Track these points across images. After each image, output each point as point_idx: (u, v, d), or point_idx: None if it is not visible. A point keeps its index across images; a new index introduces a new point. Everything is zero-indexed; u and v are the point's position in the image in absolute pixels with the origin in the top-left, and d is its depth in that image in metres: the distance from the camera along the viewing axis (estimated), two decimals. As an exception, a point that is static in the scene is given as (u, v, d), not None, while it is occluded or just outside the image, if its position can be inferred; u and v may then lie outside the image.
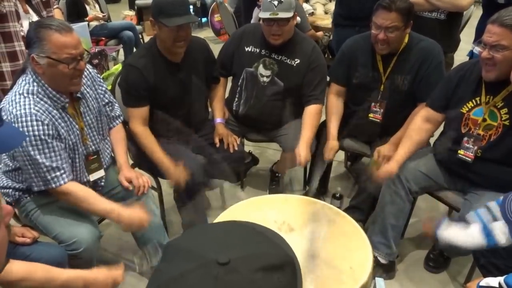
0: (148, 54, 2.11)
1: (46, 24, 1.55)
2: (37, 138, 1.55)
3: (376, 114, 2.31)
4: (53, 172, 1.61)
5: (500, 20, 1.66)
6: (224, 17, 5.68)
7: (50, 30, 1.53)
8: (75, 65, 1.59)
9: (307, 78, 2.35)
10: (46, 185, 1.62)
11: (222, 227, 0.69)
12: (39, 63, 1.56)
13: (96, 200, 1.70)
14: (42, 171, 1.59)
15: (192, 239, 0.66)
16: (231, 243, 0.63)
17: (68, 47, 1.55)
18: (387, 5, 2.04)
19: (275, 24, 2.21)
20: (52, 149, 1.59)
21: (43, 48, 1.53)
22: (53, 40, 1.53)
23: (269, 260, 0.60)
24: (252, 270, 0.58)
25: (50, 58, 1.54)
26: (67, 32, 1.55)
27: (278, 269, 0.60)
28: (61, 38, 1.53)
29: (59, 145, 1.62)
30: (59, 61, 1.55)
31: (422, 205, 2.64)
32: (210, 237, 0.65)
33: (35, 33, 1.55)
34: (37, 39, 1.54)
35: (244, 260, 0.59)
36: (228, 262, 0.57)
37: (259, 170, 3.11)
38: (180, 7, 1.98)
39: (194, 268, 0.58)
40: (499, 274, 1.51)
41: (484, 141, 1.86)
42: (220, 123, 2.39)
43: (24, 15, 2.28)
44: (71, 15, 4.53)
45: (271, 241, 0.65)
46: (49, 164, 1.59)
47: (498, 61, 1.70)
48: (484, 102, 1.85)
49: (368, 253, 1.54)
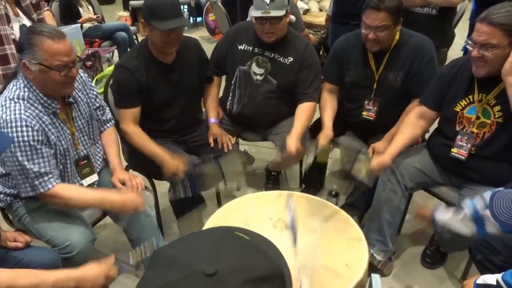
0: (140, 55, 2.10)
1: (38, 30, 1.54)
2: (26, 144, 1.54)
3: (370, 112, 2.31)
4: (41, 177, 1.60)
5: (489, 18, 1.65)
6: (218, 16, 5.66)
7: (43, 37, 1.52)
8: (66, 72, 1.58)
9: (300, 76, 2.34)
10: (34, 190, 1.61)
11: (213, 235, 0.69)
12: (31, 69, 1.55)
13: (84, 194, 1.70)
14: (30, 177, 1.58)
15: (181, 248, 0.66)
16: (220, 253, 0.63)
17: (61, 54, 1.54)
18: (376, 5, 2.03)
19: (267, 23, 2.20)
20: (41, 155, 1.58)
21: (35, 55, 1.52)
22: (45, 47, 1.52)
23: (258, 272, 0.60)
24: (240, 282, 0.57)
25: (42, 64, 1.53)
26: (60, 39, 1.54)
27: (266, 281, 0.60)
28: (54, 45, 1.52)
29: (48, 151, 1.61)
30: (51, 68, 1.54)
31: (418, 201, 2.63)
32: (199, 247, 0.65)
33: (27, 39, 1.54)
34: (29, 45, 1.53)
35: (232, 271, 0.59)
36: (215, 273, 0.57)
37: (255, 170, 3.10)
38: (172, 10, 1.96)
39: (180, 278, 0.58)
40: (496, 269, 1.52)
41: (478, 139, 1.86)
42: (214, 123, 2.38)
43: (14, 18, 2.28)
44: (65, 17, 4.51)
45: (262, 252, 0.65)
46: (37, 170, 1.58)
47: (488, 59, 1.70)
48: (477, 100, 1.85)
49: (364, 250, 1.54)
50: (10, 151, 1.53)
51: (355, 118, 2.36)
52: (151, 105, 2.15)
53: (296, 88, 2.37)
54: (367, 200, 2.30)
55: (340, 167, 3.10)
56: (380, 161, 2.01)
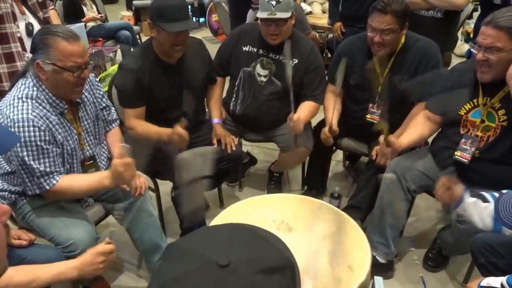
0: (144, 55, 2.10)
1: (53, 31, 1.55)
2: (32, 144, 1.54)
3: (374, 115, 2.31)
4: (47, 176, 1.60)
5: (494, 22, 1.66)
6: (222, 17, 5.67)
7: (57, 37, 1.53)
8: (79, 74, 1.59)
9: (306, 80, 2.35)
10: (40, 189, 1.62)
11: (225, 229, 0.70)
12: (44, 69, 1.56)
13: (82, 181, 1.69)
14: (36, 176, 1.58)
15: (194, 241, 0.68)
16: (233, 245, 0.64)
17: (75, 55, 1.55)
18: (382, 8, 2.03)
19: (273, 24, 2.21)
20: (47, 155, 1.59)
21: (49, 55, 1.53)
22: (59, 48, 1.53)
23: (269, 263, 0.61)
24: (252, 272, 0.59)
25: (55, 65, 1.54)
26: (74, 41, 1.56)
27: (277, 272, 0.61)
28: (69, 46, 1.54)
29: (55, 151, 1.62)
30: (65, 69, 1.55)
31: (420, 204, 2.63)
32: (212, 239, 0.66)
33: (41, 39, 1.55)
34: (43, 45, 1.54)
35: (244, 262, 0.60)
36: (229, 264, 0.59)
37: (257, 170, 3.10)
38: (180, 12, 1.97)
39: (195, 269, 0.59)
40: (499, 273, 1.51)
41: (482, 142, 1.86)
42: (218, 124, 2.38)
43: (21, 16, 2.27)
44: (68, 16, 4.52)
45: (272, 245, 0.66)
46: (43, 169, 1.58)
47: (493, 63, 1.70)
48: (482, 103, 1.85)
49: (366, 252, 1.53)
50: (16, 150, 1.54)
51: (359, 120, 2.36)
52: (154, 105, 2.16)
53: (302, 91, 2.37)
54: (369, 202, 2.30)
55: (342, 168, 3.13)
56: (396, 142, 1.95)
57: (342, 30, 3.52)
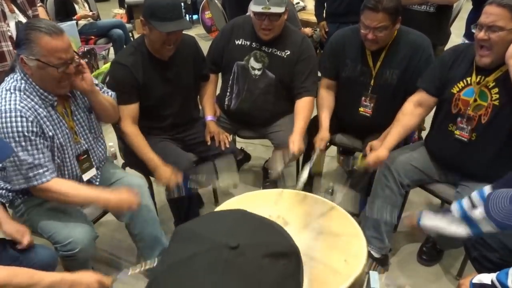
0: (137, 52, 2.09)
1: (36, 26, 1.52)
2: (20, 134, 1.53)
3: (366, 109, 2.31)
4: (36, 170, 1.58)
5: (498, 0, 1.68)
6: (215, 13, 5.64)
7: (40, 33, 1.50)
8: (64, 69, 1.57)
9: (297, 69, 2.34)
10: (27, 182, 1.58)
11: (233, 214, 0.71)
12: (28, 64, 1.54)
13: (79, 191, 1.67)
14: (24, 168, 1.56)
15: (203, 224, 0.69)
16: (241, 230, 0.65)
17: (59, 51, 1.53)
18: (373, 6, 2.01)
19: (266, 19, 2.20)
20: (35, 146, 1.57)
21: (33, 51, 1.51)
22: (42, 43, 1.50)
23: (275, 248, 0.63)
24: (260, 256, 0.60)
25: (39, 61, 1.52)
26: (58, 36, 1.53)
27: (284, 257, 0.62)
28: (52, 41, 1.51)
29: (43, 143, 1.60)
30: (49, 64, 1.53)
31: (414, 199, 2.65)
32: (220, 223, 0.68)
33: (24, 34, 1.52)
34: (26, 40, 1.51)
35: (252, 246, 0.61)
36: (238, 246, 0.59)
37: (252, 167, 3.10)
38: (173, 11, 1.95)
39: (205, 250, 0.60)
40: (492, 266, 1.52)
41: (474, 121, 1.86)
42: (211, 121, 2.38)
43: (10, 15, 2.25)
44: (60, 14, 4.48)
45: (277, 231, 0.68)
46: (31, 161, 1.56)
47: (494, 42, 1.71)
48: (475, 82, 1.86)
49: (362, 246, 1.54)
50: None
51: (351, 114, 2.36)
52: (147, 102, 2.14)
53: (293, 82, 2.37)
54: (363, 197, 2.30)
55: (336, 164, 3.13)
56: (375, 155, 2.02)
57: (325, 29, 3.57)
